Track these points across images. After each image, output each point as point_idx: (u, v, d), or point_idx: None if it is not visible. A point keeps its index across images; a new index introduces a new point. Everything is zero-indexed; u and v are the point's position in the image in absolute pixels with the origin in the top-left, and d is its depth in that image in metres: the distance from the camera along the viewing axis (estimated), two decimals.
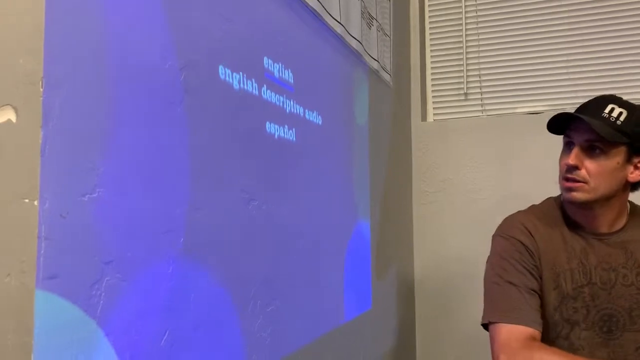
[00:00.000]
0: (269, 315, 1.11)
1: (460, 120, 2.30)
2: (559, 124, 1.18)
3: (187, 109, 0.89)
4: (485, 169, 2.21)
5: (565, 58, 2.16)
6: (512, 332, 1.15)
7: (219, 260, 0.96)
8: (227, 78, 0.99)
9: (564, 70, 2.17)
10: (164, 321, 0.82)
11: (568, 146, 1.17)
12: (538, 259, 1.21)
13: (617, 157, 1.16)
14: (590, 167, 1.14)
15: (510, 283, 1.21)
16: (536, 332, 1.15)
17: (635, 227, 1.25)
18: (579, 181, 1.15)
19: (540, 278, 1.22)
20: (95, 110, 0.72)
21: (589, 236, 1.24)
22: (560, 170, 1.18)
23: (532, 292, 1.19)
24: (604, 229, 1.24)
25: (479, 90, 2.31)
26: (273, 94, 1.15)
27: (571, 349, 1.20)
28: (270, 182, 1.14)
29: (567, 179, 1.16)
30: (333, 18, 1.43)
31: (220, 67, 0.98)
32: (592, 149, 1.15)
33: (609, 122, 1.14)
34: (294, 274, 1.23)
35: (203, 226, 0.92)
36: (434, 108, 2.39)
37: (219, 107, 0.97)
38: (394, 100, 2.10)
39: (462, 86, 2.32)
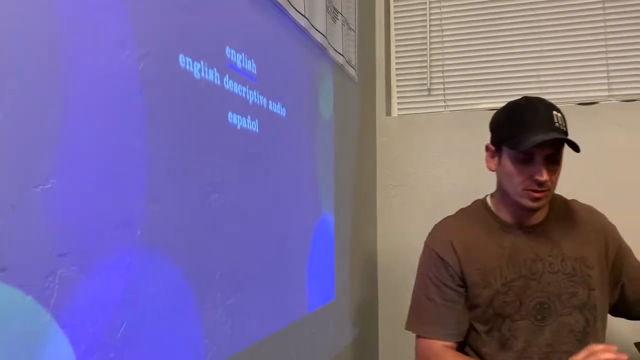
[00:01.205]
0: (230, 308, 1.11)
1: (424, 116, 2.33)
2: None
3: (146, 98, 0.88)
4: (447, 164, 2.24)
5: (526, 55, 2.22)
6: (428, 347, 1.31)
7: (179, 252, 0.95)
8: (187, 67, 0.98)
9: (525, 68, 2.22)
10: (121, 313, 0.81)
11: (528, 159, 1.21)
12: (458, 268, 1.30)
13: (561, 159, 1.26)
14: (552, 178, 1.23)
15: (428, 298, 1.33)
16: (449, 345, 1.29)
17: (555, 216, 1.33)
18: (544, 191, 1.22)
19: (464, 284, 1.31)
20: (48, 100, 0.70)
21: (517, 231, 1.32)
22: (522, 182, 1.23)
23: (450, 303, 1.30)
24: (530, 223, 1.31)
25: (442, 86, 2.34)
26: (235, 84, 1.14)
27: (503, 339, 1.28)
28: (233, 174, 1.14)
29: (537, 192, 1.22)
30: (297, 11, 1.42)
31: (181, 56, 0.96)
32: (551, 159, 1.22)
33: (563, 131, 1.23)
34: (257, 267, 1.23)
35: (162, 219, 0.91)
36: (398, 103, 2.41)
37: (179, 96, 0.96)
38: (359, 94, 2.11)
39: (425, 82, 2.35)
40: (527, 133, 1.19)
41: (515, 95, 2.17)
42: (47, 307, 0.69)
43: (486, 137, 1.36)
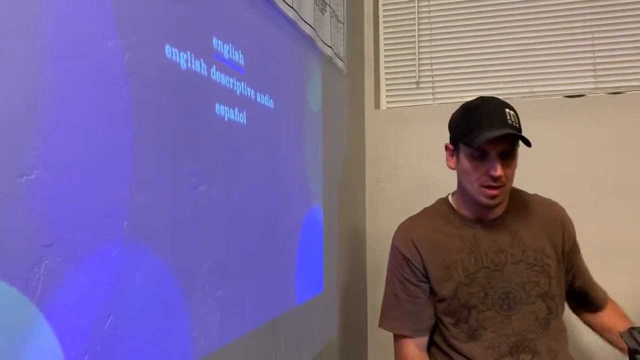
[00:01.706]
0: (219, 300, 1.10)
1: (412, 109, 2.33)
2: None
3: (132, 89, 0.87)
4: (435, 156, 2.24)
5: (514, 49, 2.22)
6: (401, 345, 1.39)
7: (166, 244, 0.95)
8: (174, 57, 0.97)
9: (513, 61, 2.23)
10: (108, 305, 0.81)
11: (482, 156, 1.26)
12: (421, 264, 1.36)
13: (516, 155, 1.30)
14: (507, 172, 1.27)
15: (394, 294, 1.40)
16: (419, 340, 1.38)
17: (515, 208, 1.38)
18: (500, 187, 1.27)
19: (428, 279, 1.36)
20: (32, 91, 0.69)
21: (477, 226, 1.37)
22: (478, 179, 1.28)
23: (413, 298, 1.37)
24: (490, 217, 1.35)
25: (430, 79, 2.35)
26: (223, 75, 1.13)
27: (471, 330, 1.32)
28: (220, 166, 1.13)
29: (493, 188, 1.26)
30: (285, 2, 1.42)
31: (167, 47, 0.96)
32: (506, 155, 1.26)
33: (516, 128, 1.27)
34: (245, 259, 1.23)
35: (149, 210, 0.90)
36: (387, 96, 2.42)
37: (165, 87, 0.95)
38: (348, 87, 2.11)
39: (414, 74, 2.35)
40: (481, 130, 1.23)
41: (503, 88, 2.21)
42: (33, 298, 0.68)
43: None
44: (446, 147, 1.38)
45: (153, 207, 0.92)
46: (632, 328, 1.49)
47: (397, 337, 1.41)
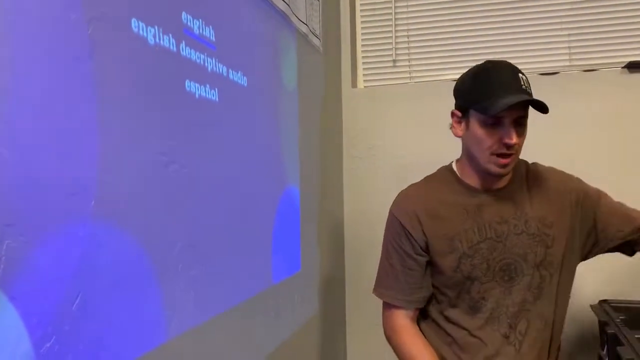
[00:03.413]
0: (193, 279, 1.09)
1: (389, 87, 2.32)
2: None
3: (96, 64, 0.84)
4: (413, 135, 2.25)
5: (490, 27, 2.22)
6: (391, 315, 1.38)
7: (137, 223, 0.93)
8: (141, 32, 0.94)
9: (488, 39, 2.23)
10: (76, 285, 0.79)
11: (496, 123, 1.21)
12: (422, 238, 1.32)
13: (527, 122, 1.25)
14: (519, 141, 1.22)
15: (390, 264, 1.37)
16: (410, 312, 1.37)
17: (519, 179, 1.35)
18: (512, 155, 1.23)
19: (428, 251, 1.33)
20: None
21: (482, 195, 1.33)
22: (490, 147, 1.22)
23: (409, 270, 1.34)
24: (496, 187, 1.32)
25: (407, 58, 2.34)
26: (193, 51, 1.11)
27: (472, 302, 1.31)
28: (192, 144, 1.11)
29: (505, 156, 1.22)
30: None
31: (133, 20, 0.93)
32: (518, 123, 1.22)
33: (529, 94, 1.22)
34: (220, 238, 1.22)
35: (117, 189, 0.88)
36: (364, 75, 2.40)
37: (132, 62, 0.93)
38: (324, 65, 2.09)
39: (391, 53, 2.34)
40: (496, 96, 1.18)
41: None
42: None
43: (451, 108, 1.36)
44: (453, 114, 1.32)
45: (122, 186, 0.90)
46: (603, 301, 1.53)
47: (388, 306, 1.40)
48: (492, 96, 1.19)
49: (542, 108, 1.19)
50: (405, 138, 2.25)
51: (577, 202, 1.32)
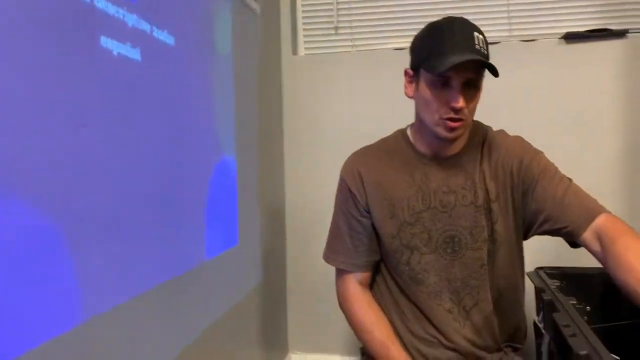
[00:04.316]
0: (113, 256, 1.00)
1: (331, 55, 2.25)
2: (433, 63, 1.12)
3: None
4: (355, 105, 2.20)
5: None
6: (343, 282, 1.33)
7: (44, 195, 0.83)
8: None
9: (430, 7, 2.19)
10: None
11: (445, 84, 1.13)
12: (364, 199, 1.27)
13: (481, 86, 1.18)
14: (469, 105, 1.14)
15: (338, 227, 1.32)
16: (363, 275, 1.32)
17: (472, 146, 1.27)
18: (461, 120, 1.15)
19: (369, 214, 1.28)
20: None
21: (431, 162, 1.26)
22: (438, 110, 1.15)
23: (355, 233, 1.30)
24: (447, 154, 1.26)
25: (349, 25, 2.27)
26: (109, 4, 1.00)
27: (412, 274, 1.26)
28: (110, 106, 1.01)
29: (454, 120, 1.14)
30: None
31: None
32: (469, 86, 1.13)
33: (484, 55, 1.13)
34: (144, 212, 1.12)
35: (19, 155, 0.78)
36: (304, 42, 2.32)
37: (37, 14, 0.81)
38: (262, 30, 1.99)
39: (332, 19, 2.26)
40: (445, 54, 1.10)
41: None
42: None
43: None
44: (405, 73, 1.23)
45: (25, 152, 0.79)
46: (539, 268, 1.55)
47: (340, 272, 1.34)
48: (441, 54, 1.10)
49: (493, 70, 1.12)
50: (348, 109, 2.19)
51: (519, 172, 1.22)
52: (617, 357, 0.84)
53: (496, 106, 2.00)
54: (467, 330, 1.24)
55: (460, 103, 1.11)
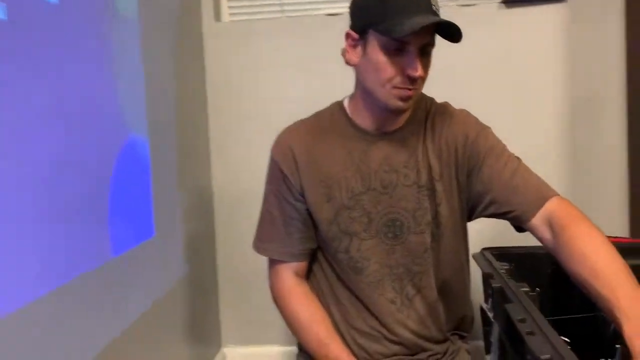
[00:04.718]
0: None
1: (259, 22, 2.06)
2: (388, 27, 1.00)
3: None
4: (286, 75, 2.03)
5: None
6: (276, 273, 1.21)
7: None
8: None
9: None
10: None
11: (399, 50, 1.01)
12: (297, 180, 1.15)
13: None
14: (423, 73, 1.03)
15: (269, 212, 1.20)
16: (298, 265, 1.20)
17: (416, 120, 1.16)
18: (415, 89, 1.04)
19: (303, 197, 1.15)
20: None
21: (371, 138, 1.14)
22: (391, 78, 1.02)
23: (289, 219, 1.17)
24: (389, 129, 1.14)
25: None
26: None
27: (352, 262, 1.14)
28: None
29: (409, 89, 1.02)
30: None
31: None
32: (424, 51, 1.02)
33: (439, 16, 1.02)
34: (23, 206, 0.92)
35: None
36: (229, 7, 2.10)
37: None
38: None
39: None
40: (404, 15, 0.97)
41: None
42: None
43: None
44: (347, 36, 1.08)
45: None
46: (486, 249, 1.45)
47: (272, 263, 1.22)
48: (399, 14, 0.98)
49: (452, 36, 1.00)
50: (279, 80, 2.02)
51: (464, 150, 1.13)
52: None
53: (432, 75, 1.88)
54: (411, 321, 1.16)
55: (419, 71, 1.00)
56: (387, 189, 1.12)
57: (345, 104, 1.18)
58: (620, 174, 1.95)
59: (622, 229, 1.94)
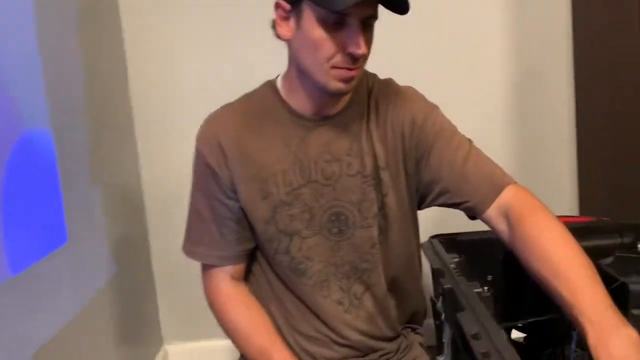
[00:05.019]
0: None
1: None
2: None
3: None
4: (220, 48, 1.87)
5: None
6: (210, 278, 1.11)
7: None
8: None
9: None
10: None
11: (338, 24, 0.89)
12: (227, 176, 1.02)
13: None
14: (366, 50, 0.92)
15: (197, 212, 1.08)
16: (235, 268, 1.10)
17: (358, 101, 1.05)
18: (358, 68, 0.93)
19: (235, 194, 1.03)
20: None
21: (310, 123, 1.02)
22: (330, 56, 0.91)
23: (220, 219, 1.05)
24: (329, 112, 1.02)
25: None
26: None
27: (293, 263, 1.04)
28: None
29: (351, 69, 0.92)
30: None
31: None
32: (366, 26, 0.92)
33: None
34: None
35: None
36: None
37: None
38: None
39: None
40: None
41: None
42: None
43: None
44: (277, 5, 0.95)
45: None
46: (434, 236, 1.36)
47: (205, 267, 1.11)
48: None
49: (399, 6, 0.90)
50: (212, 53, 1.86)
51: (411, 135, 1.03)
52: None
53: (373, 49, 1.77)
54: (360, 322, 1.08)
55: (362, 48, 0.89)
56: (329, 181, 1.02)
57: (279, 84, 1.05)
58: (570, 147, 1.95)
59: (570, 193, 1.96)
